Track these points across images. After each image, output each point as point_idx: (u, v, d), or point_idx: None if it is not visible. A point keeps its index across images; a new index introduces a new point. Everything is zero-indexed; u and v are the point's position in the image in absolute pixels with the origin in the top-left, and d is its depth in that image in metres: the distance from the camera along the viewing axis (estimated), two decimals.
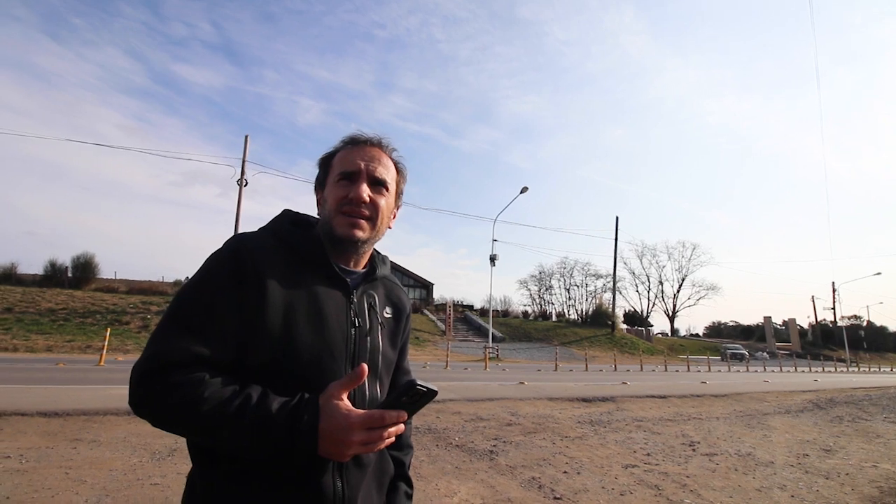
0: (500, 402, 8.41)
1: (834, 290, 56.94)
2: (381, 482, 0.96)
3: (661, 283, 65.98)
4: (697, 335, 72.97)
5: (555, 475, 4.26)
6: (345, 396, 0.77)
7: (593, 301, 52.72)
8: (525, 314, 51.15)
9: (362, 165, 0.94)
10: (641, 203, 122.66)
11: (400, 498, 1.02)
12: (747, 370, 27.91)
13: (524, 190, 28.25)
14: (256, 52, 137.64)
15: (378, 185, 0.95)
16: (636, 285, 66.47)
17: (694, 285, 67.68)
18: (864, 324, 68.20)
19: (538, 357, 29.15)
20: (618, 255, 45.68)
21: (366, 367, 0.77)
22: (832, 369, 34.66)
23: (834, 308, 58.62)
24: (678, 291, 64.01)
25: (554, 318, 51.09)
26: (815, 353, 50.94)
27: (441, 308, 41.23)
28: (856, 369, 38.35)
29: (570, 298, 55.24)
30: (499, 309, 49.45)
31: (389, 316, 1.03)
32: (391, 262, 1.16)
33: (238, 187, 23.07)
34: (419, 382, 0.75)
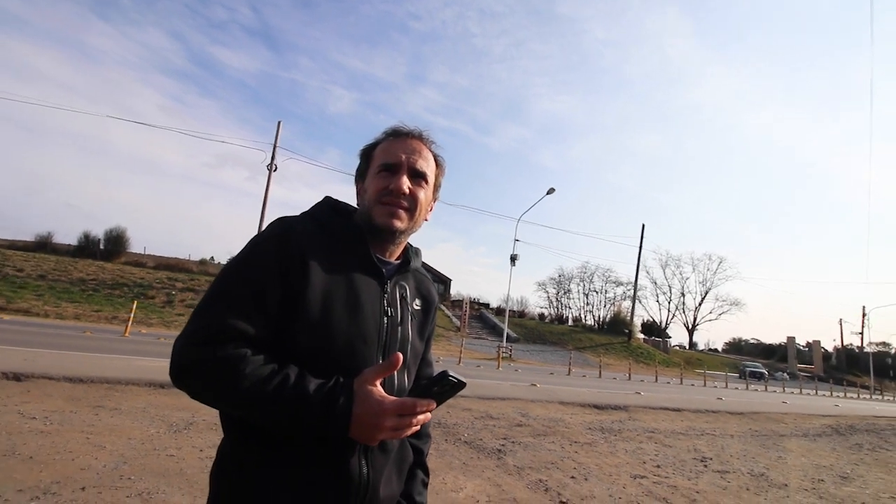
0: (511, 402, 8.40)
1: (864, 314, 54.87)
2: (401, 469, 0.98)
3: (682, 294, 64.29)
4: (716, 350, 71.35)
5: (562, 479, 4.25)
6: (378, 383, 0.80)
7: (612, 308, 52.08)
8: (541, 316, 50.94)
9: (403, 157, 0.96)
10: (669, 212, 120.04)
11: (417, 485, 1.05)
12: (766, 390, 27.18)
13: (551, 191, 27.88)
14: (293, 37, 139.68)
15: (418, 177, 0.97)
16: (657, 295, 64.86)
17: (717, 299, 65.72)
18: (893, 351, 65.56)
19: (552, 360, 28.94)
20: (641, 264, 44.95)
21: (400, 356, 0.79)
22: (854, 395, 33.41)
23: (862, 333, 56.51)
24: (700, 304, 62.53)
25: (570, 323, 50.70)
26: (837, 378, 49.11)
27: (457, 304, 41.30)
28: (880, 397, 36.87)
29: (588, 304, 54.76)
30: (515, 309, 49.25)
31: (419, 308, 1.05)
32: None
33: (267, 172, 23.53)
34: (451, 373, 0.77)
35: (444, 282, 51.61)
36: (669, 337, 58.40)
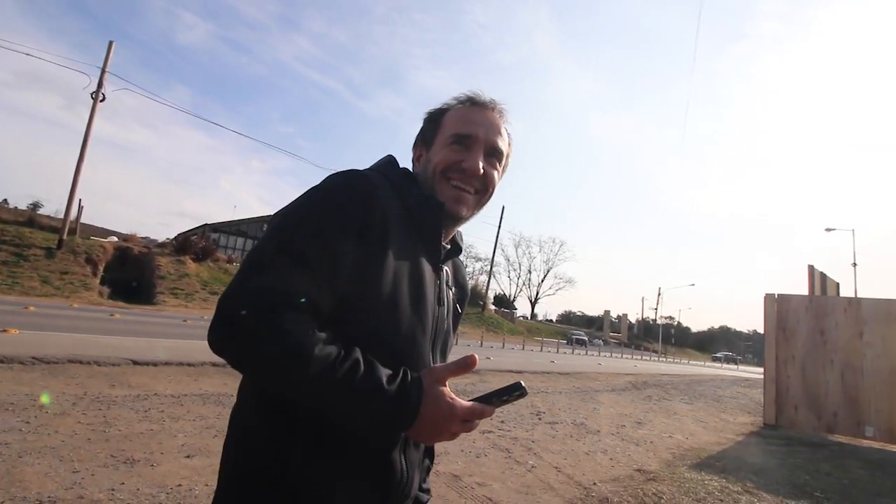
0: None
1: (659, 294, 68.33)
2: (423, 463, 0.90)
3: (529, 272, 72.17)
4: (552, 321, 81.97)
5: None
6: (448, 383, 0.72)
7: (470, 281, 55.74)
8: None
9: (482, 132, 0.85)
10: (526, 196, 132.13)
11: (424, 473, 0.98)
12: (587, 354, 32.22)
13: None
14: None
15: (494, 156, 0.87)
16: (508, 271, 71.86)
17: (556, 277, 75.29)
18: (676, 324, 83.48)
19: None
20: (498, 242, 48.79)
21: (476, 358, 0.72)
22: (648, 358, 41.87)
23: (656, 308, 70.49)
24: (542, 281, 70.79)
25: None
26: (637, 344, 60.98)
27: None
28: (665, 359, 46.95)
29: None
30: None
31: (455, 297, 0.96)
32: None
33: (92, 101, 19.14)
34: (523, 384, 0.74)
35: None
36: (516, 309, 65.15)
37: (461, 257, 1.01)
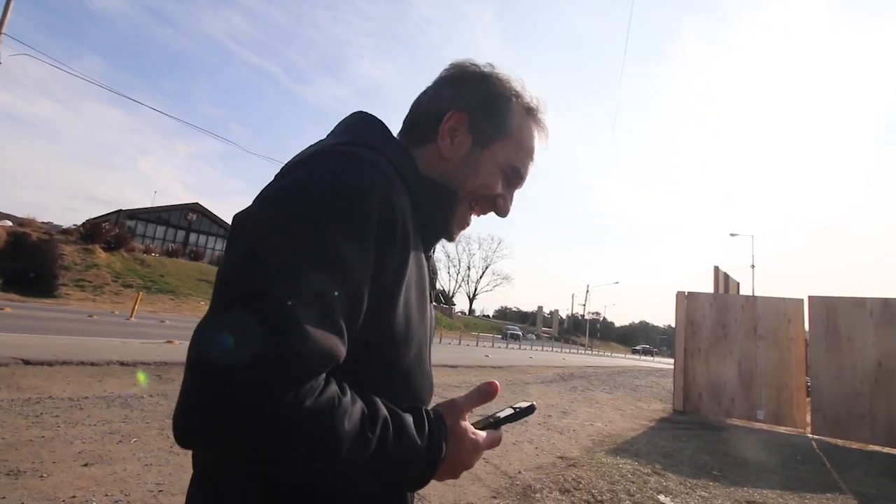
0: None
1: (587, 291, 72.21)
2: None
3: (468, 268, 73.69)
4: (489, 316, 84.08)
5: None
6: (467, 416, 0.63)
7: None
8: None
9: (527, 174, 0.74)
10: None
11: None
12: (520, 348, 33.37)
13: None
14: None
15: (514, 187, 0.75)
16: (448, 268, 72.71)
17: (494, 274, 77.57)
18: (601, 319, 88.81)
19: None
20: None
21: (498, 385, 0.63)
22: (576, 351, 44.19)
23: (585, 304, 74.48)
24: (481, 277, 72.39)
25: None
26: (567, 338, 64.16)
27: None
28: (591, 352, 49.82)
29: None
30: None
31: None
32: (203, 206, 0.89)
33: None
34: (535, 404, 0.70)
35: None
36: (455, 304, 66.12)
37: None
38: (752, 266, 28.79)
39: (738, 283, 11.66)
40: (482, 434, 0.61)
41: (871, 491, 4.41)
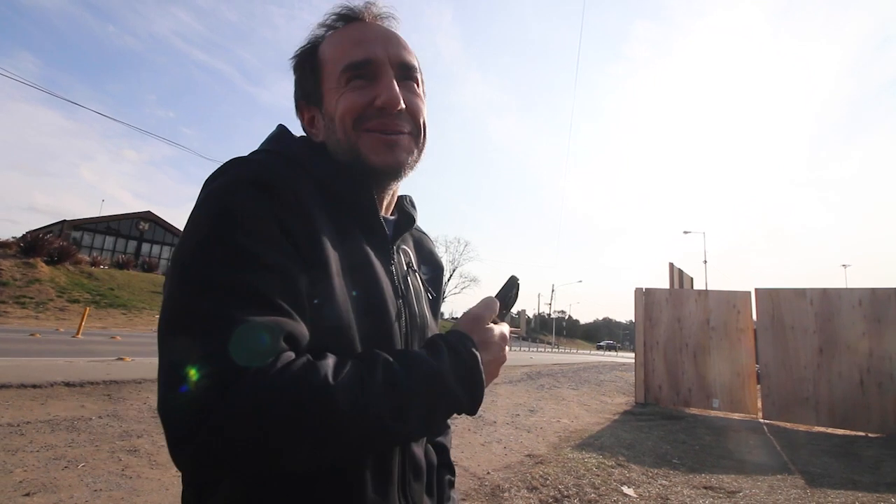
0: None
1: (553, 290, 73.82)
2: (431, 487, 0.74)
3: None
4: (457, 318, 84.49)
5: None
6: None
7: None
8: None
9: (380, 51, 0.63)
10: (433, 197, 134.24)
11: (445, 489, 0.79)
12: None
13: None
14: None
15: (407, 78, 0.66)
16: None
17: (461, 276, 77.69)
18: (567, 317, 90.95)
19: None
20: None
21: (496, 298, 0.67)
22: (543, 349, 44.98)
23: (550, 303, 76.08)
24: (448, 280, 72.51)
25: None
26: (534, 337, 65.33)
27: None
28: (557, 350, 50.86)
29: None
30: None
31: (427, 277, 0.79)
32: None
33: None
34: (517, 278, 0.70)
35: None
36: None
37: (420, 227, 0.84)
38: (705, 261, 30.28)
39: (692, 279, 12.20)
40: (501, 332, 0.63)
41: (816, 469, 4.71)
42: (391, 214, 0.73)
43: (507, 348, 0.63)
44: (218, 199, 0.52)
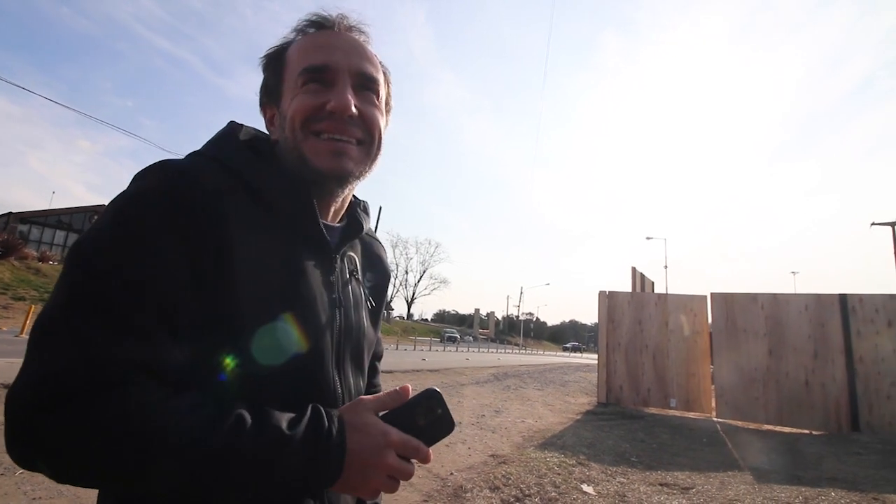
0: None
1: (521, 292, 74.96)
2: None
3: (406, 272, 73.35)
4: (427, 320, 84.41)
5: None
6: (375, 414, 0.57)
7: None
8: None
9: (340, 58, 0.64)
10: (404, 198, 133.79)
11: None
12: (457, 350, 33.74)
13: None
14: None
15: (366, 88, 0.66)
16: None
17: (432, 277, 77.75)
18: (535, 319, 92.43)
19: None
20: None
21: (409, 388, 0.58)
22: (511, 351, 45.53)
23: (519, 305, 77.25)
24: (419, 281, 72.46)
25: None
26: (503, 339, 65.99)
27: None
28: (525, 351, 51.61)
29: None
30: None
31: (371, 285, 0.78)
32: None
33: None
34: (438, 390, 0.58)
35: None
36: (392, 309, 65.52)
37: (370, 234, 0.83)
38: (666, 266, 31.40)
39: (654, 283, 12.63)
40: (395, 430, 0.55)
41: (764, 466, 4.95)
42: (339, 221, 0.73)
43: (391, 455, 0.54)
44: (121, 209, 0.52)
